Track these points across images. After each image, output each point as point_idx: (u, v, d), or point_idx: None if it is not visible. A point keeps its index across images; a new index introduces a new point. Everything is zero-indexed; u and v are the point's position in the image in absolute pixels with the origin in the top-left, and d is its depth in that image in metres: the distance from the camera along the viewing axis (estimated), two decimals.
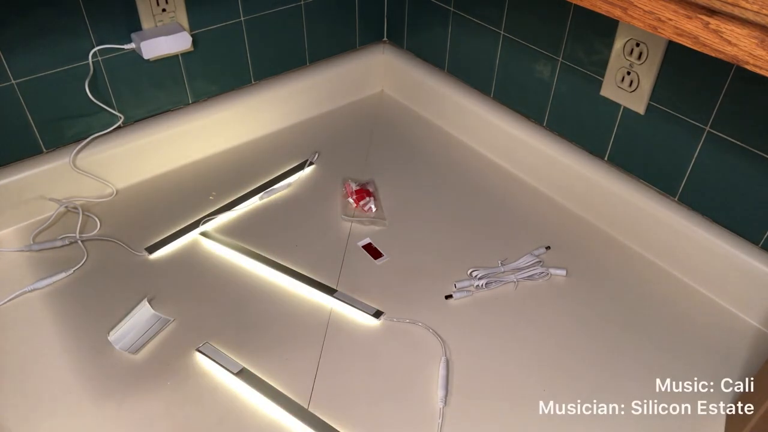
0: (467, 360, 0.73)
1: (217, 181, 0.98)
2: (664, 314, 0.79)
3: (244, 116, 1.04)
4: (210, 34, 0.95)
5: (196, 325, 0.76)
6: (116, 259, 0.84)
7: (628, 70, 0.80)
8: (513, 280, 0.82)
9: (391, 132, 1.11)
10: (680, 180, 0.81)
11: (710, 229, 0.79)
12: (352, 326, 0.76)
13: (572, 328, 0.77)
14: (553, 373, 0.72)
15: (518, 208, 0.94)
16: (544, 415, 0.68)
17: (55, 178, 0.88)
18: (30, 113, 0.85)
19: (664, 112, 0.79)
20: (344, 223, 0.91)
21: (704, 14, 0.40)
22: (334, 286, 0.81)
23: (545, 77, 0.92)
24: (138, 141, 0.94)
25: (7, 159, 0.86)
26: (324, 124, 1.12)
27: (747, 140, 0.72)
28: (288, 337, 0.75)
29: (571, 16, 0.84)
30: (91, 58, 0.85)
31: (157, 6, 0.87)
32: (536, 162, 0.96)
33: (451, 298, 0.80)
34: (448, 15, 1.03)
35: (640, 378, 0.71)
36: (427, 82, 1.10)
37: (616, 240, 0.89)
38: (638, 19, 0.44)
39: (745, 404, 0.64)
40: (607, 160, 0.89)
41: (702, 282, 0.82)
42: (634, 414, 0.68)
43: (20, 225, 0.89)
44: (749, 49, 0.39)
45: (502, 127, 0.99)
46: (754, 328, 0.78)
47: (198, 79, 0.98)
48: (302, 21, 1.04)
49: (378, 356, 0.73)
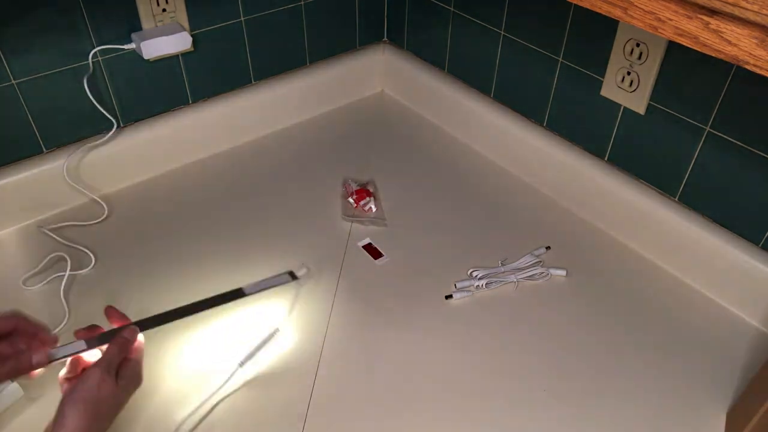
0: (467, 360, 0.73)
1: (217, 182, 0.98)
2: (664, 314, 0.79)
3: (244, 116, 1.04)
4: (210, 34, 0.95)
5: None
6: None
7: (628, 70, 0.80)
8: (513, 280, 0.82)
9: (391, 132, 1.11)
10: (680, 180, 0.81)
11: (710, 229, 0.79)
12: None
13: (572, 328, 0.77)
14: (554, 373, 0.72)
15: (518, 208, 0.94)
16: (544, 415, 0.68)
17: (54, 178, 0.88)
18: (30, 113, 0.85)
19: (664, 112, 0.79)
20: (344, 223, 0.91)
21: (704, 14, 0.40)
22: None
23: (545, 77, 0.92)
24: (137, 141, 0.94)
25: (7, 159, 0.86)
26: (324, 124, 1.12)
27: (747, 140, 0.72)
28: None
29: (571, 16, 0.84)
30: (91, 58, 0.85)
31: (157, 6, 0.87)
32: (536, 162, 0.96)
33: (451, 298, 0.80)
34: (448, 15, 1.03)
35: (639, 378, 0.71)
36: (427, 82, 1.10)
37: (616, 240, 0.89)
38: (638, 19, 0.44)
39: (745, 404, 0.64)
40: (607, 160, 0.89)
41: (702, 282, 0.82)
42: (634, 414, 0.68)
43: (20, 225, 0.89)
44: (749, 49, 0.39)
45: (502, 127, 0.99)
46: (754, 328, 0.78)
47: (198, 79, 0.98)
48: (302, 21, 1.04)
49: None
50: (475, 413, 0.68)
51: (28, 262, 0.83)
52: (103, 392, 0.57)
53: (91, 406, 0.56)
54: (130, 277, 0.82)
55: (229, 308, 0.75)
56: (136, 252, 0.86)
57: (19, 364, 0.60)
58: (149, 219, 0.91)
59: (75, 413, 0.55)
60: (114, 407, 0.59)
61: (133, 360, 0.62)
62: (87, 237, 0.87)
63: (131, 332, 0.64)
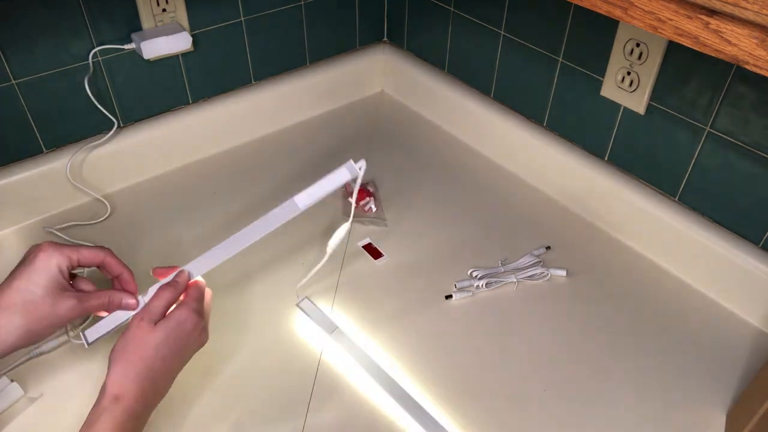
0: (467, 360, 0.73)
1: (217, 182, 0.98)
2: (664, 314, 0.79)
3: (244, 116, 1.04)
4: (210, 34, 0.95)
5: None
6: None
7: (628, 70, 0.80)
8: (513, 280, 0.82)
9: (391, 132, 1.11)
10: (680, 180, 0.81)
11: (710, 229, 0.79)
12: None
13: (572, 328, 0.77)
14: (554, 373, 0.72)
15: (518, 208, 0.94)
16: (545, 415, 0.68)
17: (56, 178, 0.89)
18: (30, 113, 0.85)
19: (664, 112, 0.79)
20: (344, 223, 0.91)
21: (704, 14, 0.40)
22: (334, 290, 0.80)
23: (545, 77, 0.92)
24: (137, 141, 0.94)
25: (7, 159, 0.86)
26: (324, 124, 1.12)
27: (747, 140, 0.72)
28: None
29: (571, 16, 0.84)
30: (91, 58, 0.85)
31: (158, 6, 0.87)
32: (536, 162, 0.96)
33: (451, 298, 0.80)
34: (448, 15, 1.03)
35: (640, 378, 0.71)
36: (427, 82, 1.10)
37: (616, 240, 0.89)
38: (638, 19, 0.44)
39: (745, 404, 0.64)
40: (608, 160, 0.89)
41: (702, 282, 0.82)
42: (634, 414, 0.68)
43: (22, 225, 0.89)
44: (749, 49, 0.39)
45: (502, 127, 0.99)
46: (754, 328, 0.78)
47: (198, 79, 0.98)
48: (302, 21, 1.04)
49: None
50: (475, 413, 0.68)
51: None
52: (144, 342, 0.58)
53: (129, 352, 0.57)
54: (138, 273, 0.82)
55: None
56: (142, 249, 0.86)
57: (110, 300, 0.62)
58: (151, 218, 0.91)
59: (115, 369, 0.56)
60: (164, 355, 0.58)
61: (186, 305, 0.61)
62: (91, 236, 0.87)
63: (179, 274, 0.64)
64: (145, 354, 0.57)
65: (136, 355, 0.57)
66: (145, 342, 0.58)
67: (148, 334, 0.58)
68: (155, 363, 0.57)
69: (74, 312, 0.59)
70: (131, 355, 0.57)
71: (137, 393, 0.56)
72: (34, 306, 0.57)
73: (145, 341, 0.58)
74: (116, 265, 0.64)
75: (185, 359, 0.61)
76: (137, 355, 0.57)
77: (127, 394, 0.55)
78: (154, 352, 0.58)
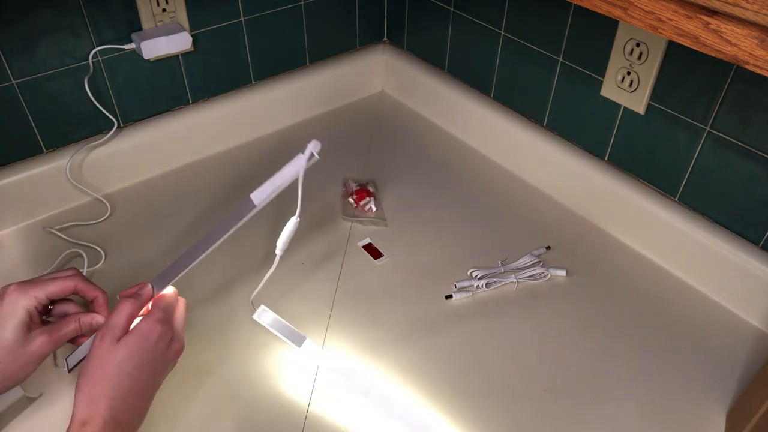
0: (467, 360, 0.73)
1: (217, 181, 0.98)
2: (664, 314, 0.79)
3: (244, 116, 1.04)
4: (210, 34, 0.95)
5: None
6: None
7: (628, 70, 0.80)
8: (513, 280, 0.82)
9: (391, 132, 1.11)
10: (680, 180, 0.81)
11: (710, 229, 0.79)
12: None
13: (572, 328, 0.77)
14: (554, 373, 0.72)
15: (518, 208, 0.94)
16: (544, 415, 0.68)
17: (56, 178, 0.89)
18: (30, 113, 0.85)
19: (664, 112, 0.79)
20: (344, 223, 0.91)
21: (704, 14, 0.40)
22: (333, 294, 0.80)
23: (545, 77, 0.92)
24: (137, 141, 0.94)
25: (7, 159, 0.86)
26: (324, 124, 1.12)
27: (747, 140, 0.72)
28: None
29: (571, 16, 0.84)
30: (91, 58, 0.85)
31: (158, 6, 0.87)
32: (536, 162, 0.96)
33: (451, 298, 0.80)
34: (448, 15, 1.03)
35: (639, 378, 0.71)
36: (427, 82, 1.10)
37: (616, 240, 0.89)
38: (638, 19, 0.44)
39: (745, 404, 0.64)
40: (607, 160, 0.89)
41: (702, 282, 0.82)
42: (634, 414, 0.68)
43: (22, 225, 0.89)
44: (749, 49, 0.39)
45: (502, 127, 0.99)
46: (754, 328, 0.78)
47: (198, 79, 0.98)
48: (302, 21, 1.04)
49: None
50: (475, 413, 0.68)
51: (36, 261, 0.83)
52: (105, 361, 0.56)
53: (91, 373, 0.56)
54: (140, 272, 0.82)
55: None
56: (142, 249, 0.86)
57: (80, 324, 0.61)
58: (151, 218, 0.91)
59: (80, 394, 0.55)
60: (129, 371, 0.57)
61: (150, 315, 0.60)
62: (92, 235, 0.87)
63: (141, 288, 0.63)
64: (109, 372, 0.55)
65: (98, 375, 0.55)
66: (107, 360, 0.56)
67: (110, 353, 0.56)
68: (121, 381, 0.55)
69: (47, 347, 0.58)
70: (94, 376, 0.55)
71: (106, 415, 0.54)
72: (6, 351, 0.57)
73: (108, 360, 0.56)
74: (89, 289, 0.63)
75: (159, 372, 0.59)
76: (100, 375, 0.55)
77: (94, 418, 0.53)
78: (118, 370, 0.56)
